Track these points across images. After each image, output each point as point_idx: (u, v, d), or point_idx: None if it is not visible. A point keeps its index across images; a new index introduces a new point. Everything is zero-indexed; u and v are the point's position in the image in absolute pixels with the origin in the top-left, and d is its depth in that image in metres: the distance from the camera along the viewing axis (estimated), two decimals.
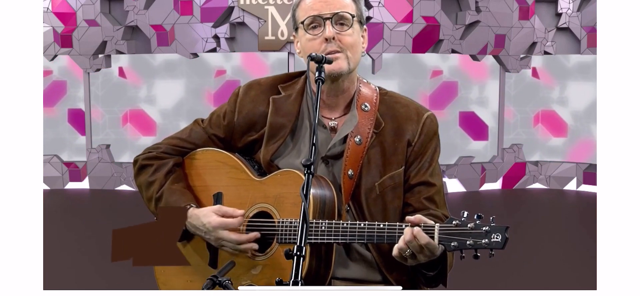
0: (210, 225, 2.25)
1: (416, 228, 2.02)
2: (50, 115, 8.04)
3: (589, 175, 7.61)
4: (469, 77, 8.23)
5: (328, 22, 2.22)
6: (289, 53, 7.28)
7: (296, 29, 2.30)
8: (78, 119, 8.05)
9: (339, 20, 2.23)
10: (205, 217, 2.26)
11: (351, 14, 2.24)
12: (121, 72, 8.24)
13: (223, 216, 2.25)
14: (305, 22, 2.24)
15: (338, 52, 2.21)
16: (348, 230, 2.13)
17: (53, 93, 8.20)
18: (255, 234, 2.23)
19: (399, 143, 2.28)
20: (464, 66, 8.19)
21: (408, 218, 2.06)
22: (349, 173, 2.25)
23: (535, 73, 8.16)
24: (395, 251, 2.07)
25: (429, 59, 7.89)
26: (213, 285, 2.05)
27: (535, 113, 8.24)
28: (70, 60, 7.71)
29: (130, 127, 8.09)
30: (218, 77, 8.26)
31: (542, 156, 8.05)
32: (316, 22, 2.23)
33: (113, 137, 8.05)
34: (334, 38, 2.21)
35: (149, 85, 8.30)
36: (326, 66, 2.18)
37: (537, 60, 7.91)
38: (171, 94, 8.19)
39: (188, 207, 2.29)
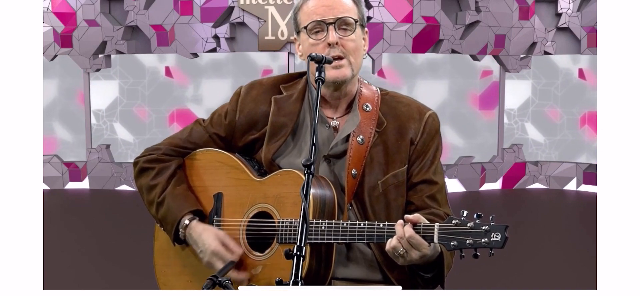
0: (208, 248, 2.25)
1: (407, 226, 2.02)
2: None
3: (589, 175, 7.62)
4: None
5: (331, 27, 2.22)
6: (289, 53, 7.28)
7: (298, 32, 2.30)
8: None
9: (342, 25, 2.23)
10: (207, 237, 2.27)
11: (354, 19, 2.24)
12: (168, 72, 8.27)
13: (224, 245, 2.25)
14: (308, 27, 2.24)
15: (341, 58, 2.22)
16: (348, 229, 2.13)
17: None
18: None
19: (401, 142, 2.29)
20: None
21: (407, 216, 2.06)
22: (353, 172, 2.25)
23: (581, 74, 8.16)
24: (388, 246, 2.07)
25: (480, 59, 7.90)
26: (213, 285, 2.05)
27: (581, 114, 8.24)
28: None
29: (176, 126, 8.13)
30: (264, 76, 8.29)
31: (588, 158, 8.05)
32: (319, 27, 2.23)
33: (159, 137, 8.09)
34: (337, 43, 2.21)
35: (195, 84, 8.33)
36: (330, 74, 2.18)
37: (583, 61, 7.92)
38: (218, 93, 8.20)
39: (191, 218, 2.30)
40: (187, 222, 2.29)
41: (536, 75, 8.18)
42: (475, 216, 2.00)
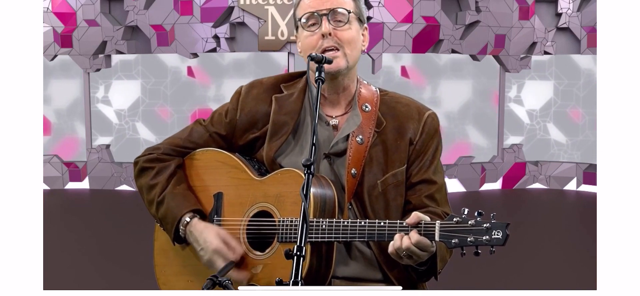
0: (208, 246, 2.25)
1: (412, 232, 2.03)
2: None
3: (589, 175, 7.62)
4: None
5: (324, 18, 2.23)
6: (289, 53, 7.28)
7: (297, 28, 2.31)
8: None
9: (335, 16, 2.24)
10: (208, 234, 2.26)
11: (347, 10, 2.25)
12: (190, 71, 8.28)
13: (225, 243, 2.25)
14: (302, 20, 2.25)
15: (336, 49, 2.22)
16: (348, 228, 2.13)
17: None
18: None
19: (400, 142, 2.29)
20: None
21: (408, 220, 2.06)
22: (352, 172, 2.25)
23: None
24: (390, 248, 2.07)
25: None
26: (213, 285, 2.05)
27: None
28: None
29: None
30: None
31: None
32: (313, 18, 2.24)
33: None
34: (330, 34, 2.22)
35: (217, 84, 8.35)
36: (325, 65, 2.18)
37: None
38: None
39: (191, 215, 2.30)
40: (187, 219, 2.29)
41: (558, 76, 8.20)
42: (476, 214, 2.00)
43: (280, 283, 1.84)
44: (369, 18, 6.81)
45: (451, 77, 8.24)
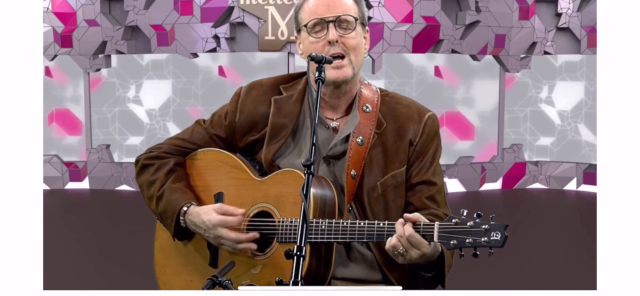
0: (210, 223, 2.25)
1: (407, 225, 2.03)
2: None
3: (589, 175, 7.62)
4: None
5: (331, 25, 2.22)
6: (289, 53, 7.28)
7: (298, 31, 2.30)
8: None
9: (342, 23, 2.23)
10: (205, 214, 2.26)
11: (354, 17, 2.24)
12: (221, 71, 8.27)
13: (223, 214, 2.25)
14: (308, 25, 2.24)
15: (342, 58, 2.22)
16: (348, 229, 2.13)
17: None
18: (254, 234, 2.23)
19: (400, 143, 2.29)
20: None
21: (406, 215, 2.06)
22: (352, 173, 2.25)
23: None
24: (387, 245, 2.07)
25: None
26: (213, 285, 2.05)
27: None
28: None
29: None
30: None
31: None
32: (319, 25, 2.23)
33: None
34: (337, 41, 2.21)
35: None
36: (330, 74, 2.19)
37: None
38: None
39: (189, 204, 2.29)
40: (185, 209, 2.30)
41: (589, 77, 8.20)
42: (475, 215, 2.00)
43: (280, 283, 1.84)
44: (369, 18, 6.81)
45: (484, 77, 8.24)
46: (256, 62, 8.26)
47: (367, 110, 2.30)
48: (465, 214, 2.01)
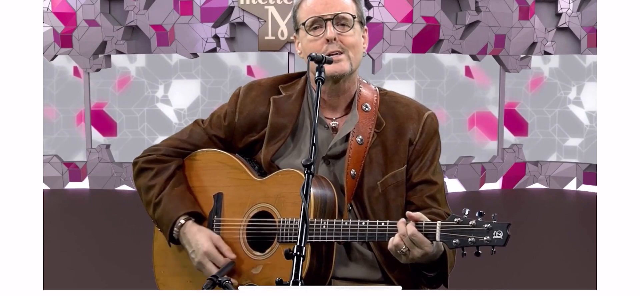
0: (199, 247, 2.26)
1: (409, 224, 2.03)
2: None
3: (589, 175, 7.61)
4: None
5: (329, 23, 2.22)
6: (289, 53, 7.28)
7: (297, 30, 2.30)
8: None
9: (340, 21, 2.23)
10: (200, 236, 2.27)
11: (352, 15, 2.24)
12: (249, 71, 8.27)
13: (217, 247, 2.25)
14: (306, 24, 2.24)
15: (340, 53, 2.22)
16: (349, 228, 2.13)
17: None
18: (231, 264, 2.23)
19: (400, 142, 2.29)
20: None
21: (409, 213, 2.06)
22: (352, 173, 2.25)
23: None
24: (390, 244, 2.07)
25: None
26: (213, 285, 2.05)
27: None
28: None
29: None
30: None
31: None
32: (317, 23, 2.23)
33: None
34: (335, 39, 2.21)
35: None
36: (329, 68, 2.18)
37: None
38: None
39: (186, 218, 2.29)
40: (182, 222, 2.29)
41: None
42: (477, 214, 2.00)
43: (280, 283, 1.84)
44: (368, 18, 6.81)
45: (514, 76, 8.22)
46: (284, 61, 8.25)
47: (367, 109, 2.30)
48: (467, 213, 2.01)
